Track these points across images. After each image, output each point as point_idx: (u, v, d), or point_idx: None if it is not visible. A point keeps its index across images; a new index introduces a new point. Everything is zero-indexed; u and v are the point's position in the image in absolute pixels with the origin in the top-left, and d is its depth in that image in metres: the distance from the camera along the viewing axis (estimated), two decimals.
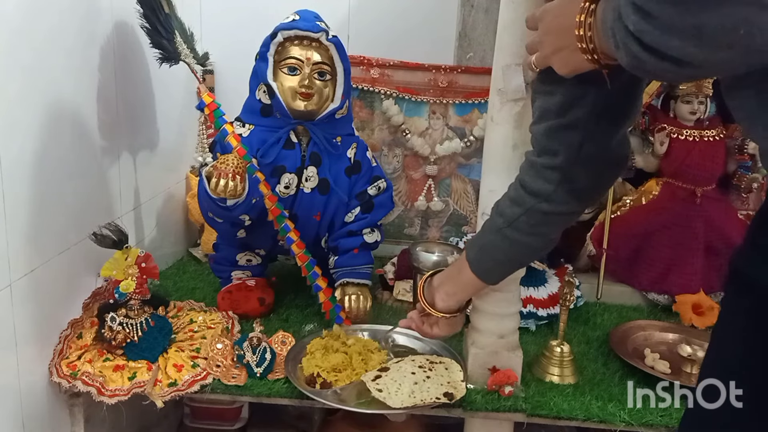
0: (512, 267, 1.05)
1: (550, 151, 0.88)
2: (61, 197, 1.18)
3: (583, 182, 0.90)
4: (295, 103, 1.30)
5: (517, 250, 0.98)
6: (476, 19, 1.68)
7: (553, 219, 0.94)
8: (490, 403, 1.11)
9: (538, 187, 0.91)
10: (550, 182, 0.90)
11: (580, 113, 0.84)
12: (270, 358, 1.16)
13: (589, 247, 1.58)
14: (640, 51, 0.56)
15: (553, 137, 0.87)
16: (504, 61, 1.04)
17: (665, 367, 1.23)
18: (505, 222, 0.95)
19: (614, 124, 0.88)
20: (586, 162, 0.88)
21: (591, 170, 0.89)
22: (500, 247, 0.98)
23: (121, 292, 1.18)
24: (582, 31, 0.67)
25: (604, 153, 0.89)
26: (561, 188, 0.90)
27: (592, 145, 0.86)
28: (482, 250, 1.01)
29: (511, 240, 0.96)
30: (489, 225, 0.99)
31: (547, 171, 0.89)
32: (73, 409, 1.18)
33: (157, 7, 1.31)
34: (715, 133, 1.54)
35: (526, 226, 0.94)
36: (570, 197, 0.91)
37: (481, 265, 1.01)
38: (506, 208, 0.96)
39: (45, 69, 1.11)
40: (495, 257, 1.00)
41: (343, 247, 1.40)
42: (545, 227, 0.96)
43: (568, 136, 0.86)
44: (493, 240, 0.98)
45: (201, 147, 1.76)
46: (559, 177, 0.89)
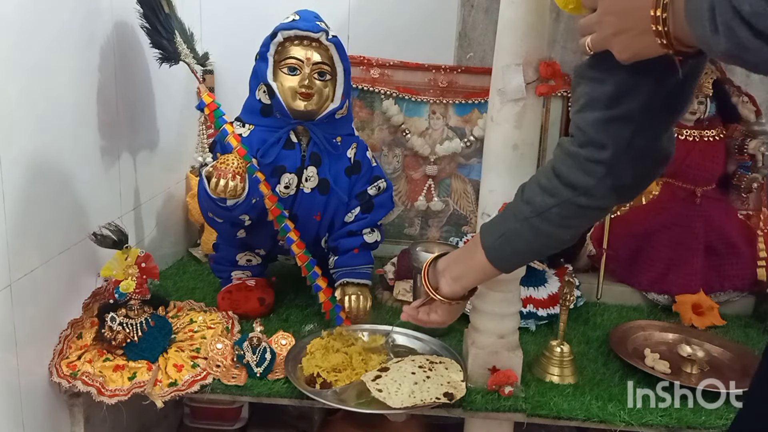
0: (532, 257, 0.99)
1: (597, 143, 0.82)
2: (61, 197, 1.18)
3: (627, 178, 0.85)
4: (295, 103, 1.30)
5: (542, 241, 0.93)
6: (476, 19, 1.68)
7: (589, 213, 0.89)
8: (490, 403, 1.11)
9: (578, 180, 0.85)
10: (593, 176, 0.84)
11: (634, 105, 0.78)
12: (270, 358, 1.16)
13: (589, 247, 1.58)
14: (749, 37, 0.51)
15: (602, 129, 0.81)
16: (504, 61, 1.04)
17: (665, 367, 1.23)
18: (533, 211, 0.89)
19: (667, 119, 0.83)
20: (635, 157, 0.83)
21: (638, 166, 0.84)
22: (524, 237, 0.92)
23: (121, 292, 1.18)
24: (658, 12, 0.61)
25: (653, 149, 0.84)
26: (603, 183, 0.84)
27: (642, 139, 0.81)
28: (503, 237, 0.94)
29: (538, 230, 0.90)
30: (513, 212, 0.93)
31: (590, 164, 0.83)
32: (73, 409, 1.18)
33: (157, 7, 1.31)
34: (715, 133, 1.54)
35: (557, 218, 0.88)
36: (611, 192, 0.86)
37: (498, 253, 0.96)
38: (536, 196, 0.89)
39: (45, 69, 1.11)
40: (516, 246, 0.94)
41: (343, 247, 1.40)
42: (578, 220, 0.91)
43: (618, 129, 0.80)
44: (518, 229, 0.92)
45: (201, 147, 1.76)
46: (604, 171, 0.83)
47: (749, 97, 1.56)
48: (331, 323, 1.34)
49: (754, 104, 1.56)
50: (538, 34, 1.02)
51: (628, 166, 0.83)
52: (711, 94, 1.52)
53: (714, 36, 0.54)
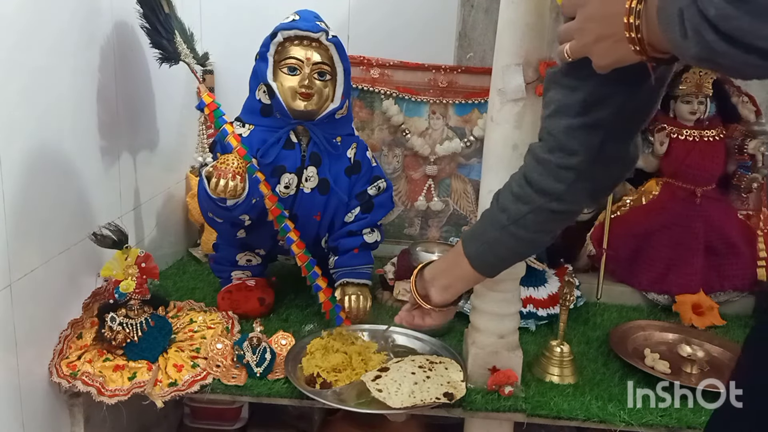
0: (515, 261, 1.02)
1: (568, 149, 0.84)
2: (61, 197, 1.18)
3: (597, 182, 0.87)
4: (295, 103, 1.30)
5: (523, 246, 0.95)
6: (476, 19, 1.69)
7: (561, 217, 0.92)
8: (490, 403, 1.11)
9: (549, 186, 0.87)
10: (563, 182, 0.86)
11: (605, 113, 0.80)
12: (270, 358, 1.16)
13: (589, 247, 1.58)
14: (717, 40, 0.51)
15: (572, 136, 0.83)
16: (504, 61, 1.04)
17: (665, 367, 1.23)
18: (509, 219, 0.92)
19: (635, 125, 0.85)
20: (604, 163, 0.85)
21: (607, 171, 0.87)
22: (505, 245, 0.94)
23: (121, 292, 1.18)
24: (631, 18, 0.61)
25: (622, 154, 0.86)
26: (574, 188, 0.86)
27: (611, 145, 0.83)
28: (485, 245, 0.97)
29: (517, 237, 0.92)
30: (490, 220, 0.95)
31: (560, 170, 0.85)
32: (73, 409, 1.18)
33: (157, 7, 1.31)
34: (715, 133, 1.54)
35: (532, 224, 0.90)
36: (582, 196, 0.89)
37: (482, 261, 0.98)
38: (510, 204, 0.92)
39: (45, 69, 1.11)
40: (498, 253, 0.97)
41: (343, 247, 1.40)
42: (553, 224, 0.93)
43: (589, 135, 0.82)
44: (498, 237, 0.94)
45: (201, 147, 1.76)
46: (574, 177, 0.85)
47: (749, 97, 1.56)
48: (331, 323, 1.34)
49: (754, 104, 1.57)
50: (537, 34, 1.02)
51: (597, 171, 0.85)
52: (711, 94, 1.52)
53: (684, 41, 0.54)
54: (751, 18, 0.49)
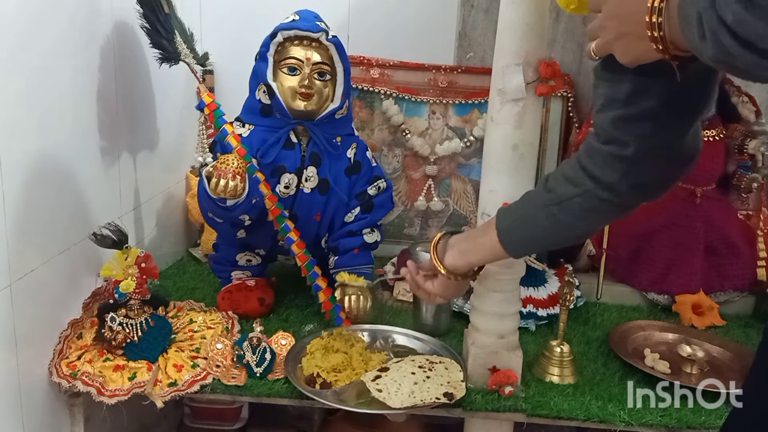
0: (545, 246, 1.00)
1: (618, 141, 0.82)
2: (62, 197, 1.18)
3: (649, 176, 0.85)
4: (295, 103, 1.30)
5: (559, 231, 0.93)
6: (476, 19, 1.69)
7: (608, 208, 0.89)
8: (490, 403, 1.11)
9: (602, 174, 0.85)
10: (616, 172, 0.84)
11: (651, 104, 0.78)
12: (270, 358, 1.16)
13: (589, 247, 1.58)
14: (734, 45, 0.51)
15: (621, 128, 0.81)
16: (504, 61, 1.04)
17: (665, 367, 1.23)
18: (554, 199, 0.89)
19: (688, 116, 0.82)
20: (658, 156, 0.82)
21: (660, 164, 0.84)
22: (540, 224, 0.92)
23: (121, 292, 1.18)
24: (654, 17, 0.61)
25: (676, 147, 0.83)
26: (626, 180, 0.84)
27: (664, 137, 0.81)
28: (519, 221, 0.94)
29: (556, 219, 0.90)
30: (533, 199, 0.93)
31: (614, 160, 0.83)
32: (73, 409, 1.18)
33: (157, 7, 1.31)
34: (715, 133, 1.54)
35: (578, 208, 0.88)
36: (633, 191, 0.86)
37: (511, 237, 0.96)
38: (558, 185, 0.89)
39: (45, 69, 1.11)
40: (532, 233, 0.94)
41: (343, 247, 1.40)
42: (598, 214, 0.90)
43: (638, 126, 0.80)
44: (536, 215, 0.92)
45: (201, 147, 1.76)
46: (626, 168, 0.83)
47: (749, 97, 1.56)
48: (331, 323, 1.34)
49: (754, 104, 1.56)
50: (537, 34, 1.02)
51: (650, 164, 0.83)
52: None
53: (702, 42, 0.55)
54: (766, 24, 0.49)
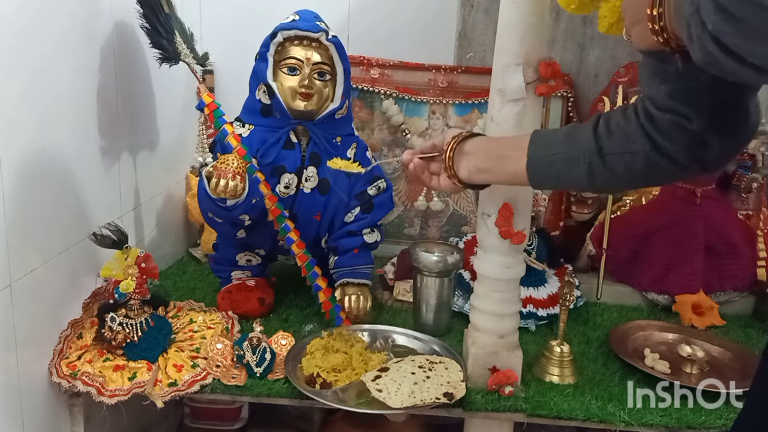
0: (569, 188, 0.95)
1: (678, 112, 0.79)
2: (62, 197, 1.18)
3: (713, 151, 0.80)
4: (295, 103, 1.30)
5: (592, 179, 0.88)
6: (476, 19, 1.69)
7: (656, 175, 0.85)
8: (490, 403, 1.11)
9: (662, 141, 0.81)
10: (677, 141, 0.80)
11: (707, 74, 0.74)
12: (270, 358, 1.16)
13: (589, 247, 1.58)
14: (717, 51, 0.53)
15: (679, 100, 0.78)
16: (504, 61, 1.04)
17: (665, 367, 1.23)
18: (601, 148, 0.85)
19: (745, 87, 0.78)
20: (721, 128, 0.79)
21: (725, 137, 0.80)
22: (577, 168, 0.87)
23: (121, 292, 1.18)
24: (655, 11, 0.62)
25: (740, 118, 0.80)
26: (688, 150, 0.80)
27: (724, 108, 0.78)
28: (556, 157, 0.89)
29: (595, 169, 0.86)
30: (577, 138, 0.88)
31: (677, 129, 0.79)
32: (73, 409, 1.18)
33: (157, 7, 1.31)
34: None
35: (623, 166, 0.84)
36: (693, 161, 0.82)
37: (542, 171, 0.91)
38: (611, 136, 0.85)
39: (45, 69, 1.11)
40: (564, 174, 0.89)
41: (343, 247, 1.40)
42: (641, 176, 0.86)
43: (695, 96, 0.77)
44: (575, 157, 0.87)
45: (201, 147, 1.76)
46: (688, 139, 0.79)
47: None
48: (331, 323, 1.34)
49: None
50: (538, 34, 1.02)
51: (714, 135, 0.79)
52: None
53: (691, 44, 0.56)
54: (744, 37, 0.50)
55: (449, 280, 1.35)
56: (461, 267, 1.41)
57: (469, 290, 1.32)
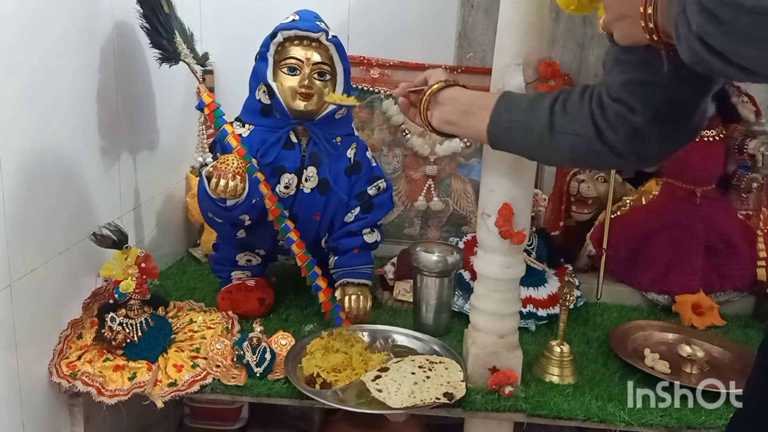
0: (524, 156, 0.98)
1: (626, 104, 0.81)
2: (62, 197, 1.18)
3: (651, 146, 0.83)
4: (294, 103, 1.30)
5: (541, 152, 0.93)
6: (476, 19, 1.68)
7: (596, 159, 0.89)
8: (490, 403, 1.11)
9: (605, 128, 0.83)
10: (620, 132, 0.82)
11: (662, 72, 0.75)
12: (270, 358, 1.16)
13: (589, 247, 1.58)
14: (703, 50, 0.53)
15: (630, 91, 0.80)
16: (504, 61, 1.04)
17: (665, 367, 1.23)
18: (552, 125, 0.88)
19: (698, 90, 0.80)
20: (663, 126, 0.81)
21: (664, 135, 0.82)
22: (531, 138, 0.91)
23: (121, 292, 1.18)
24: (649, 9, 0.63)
25: (683, 120, 0.82)
26: (628, 142, 0.83)
27: (671, 108, 0.80)
28: (514, 124, 0.93)
29: (544, 143, 0.89)
30: (536, 110, 0.91)
31: (621, 120, 0.82)
32: (73, 409, 1.18)
33: (157, 7, 1.31)
34: (715, 133, 1.54)
35: (568, 145, 0.87)
36: (632, 155, 0.85)
37: (500, 134, 0.94)
38: (564, 115, 0.88)
39: (45, 69, 1.11)
40: (518, 141, 0.93)
41: (343, 247, 1.40)
42: (585, 158, 0.90)
43: (646, 92, 0.79)
44: (531, 128, 0.91)
45: (201, 147, 1.76)
46: (630, 131, 0.82)
47: (749, 97, 1.56)
48: (331, 323, 1.34)
49: (754, 104, 1.56)
50: (538, 34, 1.02)
51: (655, 132, 0.82)
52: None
53: (678, 43, 0.57)
54: (729, 38, 0.51)
55: (449, 280, 1.35)
56: (461, 267, 1.41)
57: (469, 290, 1.32)
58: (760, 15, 0.48)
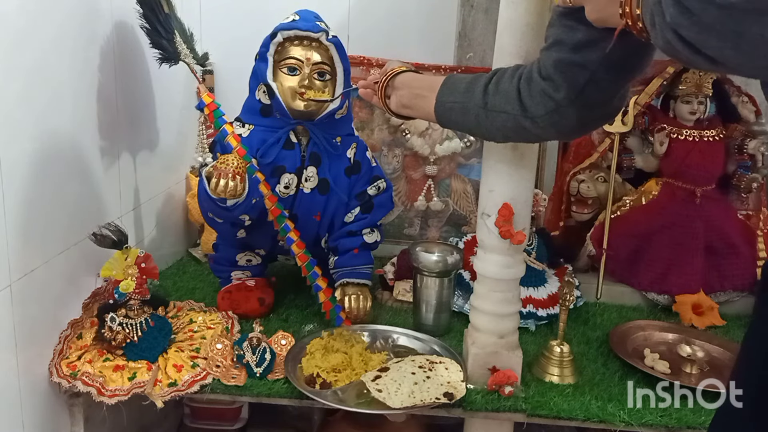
0: (467, 132, 1.12)
1: (554, 81, 0.88)
2: (61, 197, 1.18)
3: (570, 121, 0.90)
4: (294, 103, 1.30)
5: (480, 131, 1.00)
6: (476, 19, 1.68)
7: (527, 135, 0.95)
8: (490, 403, 1.11)
9: (530, 105, 0.91)
10: (543, 107, 0.90)
11: (594, 56, 0.83)
12: (270, 358, 1.16)
13: (589, 247, 1.58)
14: (675, 40, 0.57)
15: (560, 70, 0.86)
16: (504, 61, 1.04)
17: (665, 367, 1.23)
18: (486, 104, 0.95)
19: (622, 77, 0.88)
20: (584, 105, 0.88)
21: (583, 113, 0.89)
22: (470, 118, 0.98)
23: (120, 292, 1.18)
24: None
25: (603, 103, 0.90)
26: (549, 118, 0.90)
27: (595, 91, 0.86)
28: (456, 105, 1.00)
29: (480, 121, 0.97)
30: (473, 90, 0.98)
31: (544, 97, 0.89)
32: (73, 409, 1.18)
33: (156, 7, 1.31)
34: (714, 133, 1.54)
35: (499, 123, 0.94)
36: (552, 129, 0.92)
37: (445, 114, 1.01)
38: (495, 93, 0.95)
39: (45, 69, 1.11)
40: (461, 120, 1.01)
41: (343, 247, 1.40)
42: (515, 135, 0.97)
43: (574, 74, 0.86)
44: (469, 108, 0.97)
45: (201, 147, 1.77)
46: (553, 107, 0.89)
47: (749, 97, 1.57)
48: (331, 323, 1.34)
49: (753, 104, 1.57)
50: (537, 34, 1.02)
51: (575, 110, 0.89)
52: (711, 94, 1.52)
53: (652, 30, 0.60)
54: (698, 29, 0.54)
55: (449, 280, 1.35)
56: (461, 267, 1.41)
57: (469, 290, 1.32)
58: (726, 9, 0.52)
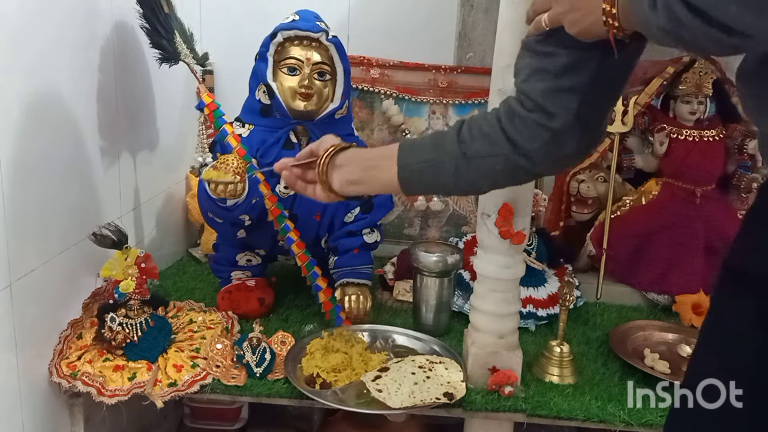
0: (442, 193, 0.98)
1: (546, 111, 0.83)
2: (61, 197, 1.18)
3: (568, 149, 0.85)
4: (294, 104, 1.30)
5: (461, 184, 0.91)
6: (476, 19, 1.68)
7: (519, 174, 0.89)
8: (490, 403, 1.11)
9: (522, 140, 0.84)
10: (537, 140, 0.84)
11: (582, 78, 0.81)
12: (270, 359, 1.16)
13: (589, 247, 1.58)
14: (686, 13, 0.55)
15: (550, 98, 0.82)
16: (504, 61, 1.04)
17: (665, 367, 1.23)
18: (465, 153, 0.88)
19: (612, 95, 0.87)
20: (579, 129, 0.84)
21: (579, 139, 0.85)
22: (446, 173, 0.89)
23: (120, 292, 1.18)
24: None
25: (596, 123, 0.87)
26: (546, 149, 0.85)
27: (587, 113, 0.83)
28: (424, 164, 0.91)
29: (461, 173, 0.89)
30: (443, 144, 0.90)
31: (538, 128, 0.83)
32: (73, 409, 1.18)
33: (156, 7, 1.31)
34: (714, 133, 1.54)
35: (487, 168, 0.88)
36: (549, 160, 0.87)
37: (412, 178, 0.92)
38: (474, 140, 0.87)
39: (45, 69, 1.11)
40: (434, 180, 0.92)
41: (343, 247, 1.40)
42: (506, 177, 0.90)
43: (567, 99, 0.82)
44: (443, 163, 0.89)
45: (201, 147, 1.77)
46: (549, 138, 0.84)
47: None
48: (331, 323, 1.34)
49: None
50: None
51: (572, 137, 0.84)
52: (711, 94, 1.52)
53: (653, 12, 0.59)
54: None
55: (449, 280, 1.35)
56: (461, 267, 1.41)
57: (469, 290, 1.32)
58: None
